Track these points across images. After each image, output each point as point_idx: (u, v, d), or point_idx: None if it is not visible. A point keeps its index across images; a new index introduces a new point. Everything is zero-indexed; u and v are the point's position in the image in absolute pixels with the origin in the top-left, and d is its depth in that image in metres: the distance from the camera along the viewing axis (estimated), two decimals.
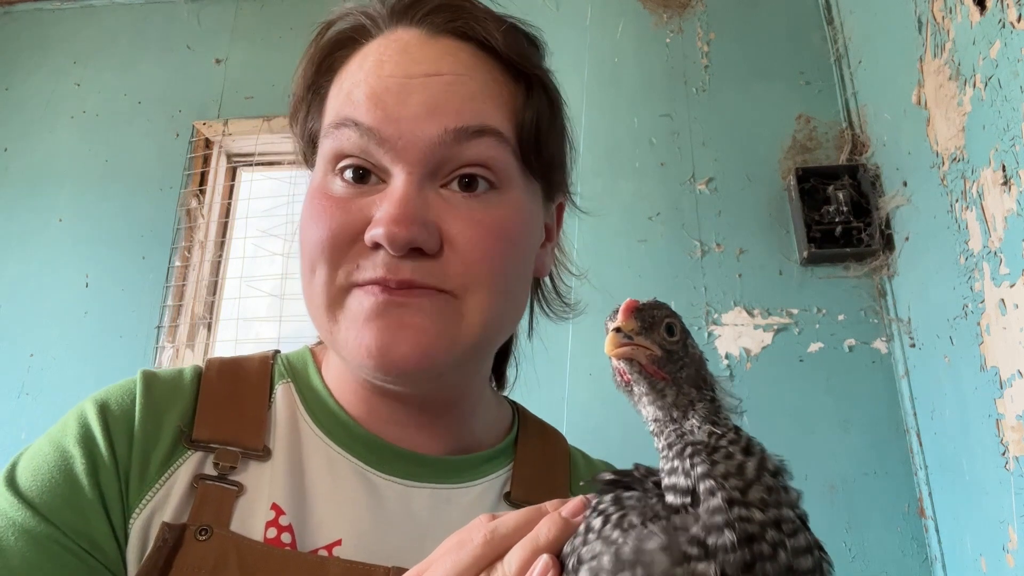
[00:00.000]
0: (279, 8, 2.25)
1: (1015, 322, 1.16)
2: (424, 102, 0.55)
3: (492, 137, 0.56)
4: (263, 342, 1.87)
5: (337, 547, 0.55)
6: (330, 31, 0.62)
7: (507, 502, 0.64)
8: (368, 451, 0.60)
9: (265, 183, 2.14)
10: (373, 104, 0.55)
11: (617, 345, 0.40)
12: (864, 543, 1.49)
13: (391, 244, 0.52)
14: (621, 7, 2.07)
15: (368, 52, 0.59)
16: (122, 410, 0.56)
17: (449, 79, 0.56)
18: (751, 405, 1.62)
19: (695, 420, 0.41)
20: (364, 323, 0.53)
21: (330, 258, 0.55)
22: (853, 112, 1.82)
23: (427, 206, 0.54)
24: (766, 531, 0.35)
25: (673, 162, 1.88)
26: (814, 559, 0.37)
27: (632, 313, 0.41)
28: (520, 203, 0.59)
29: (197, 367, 0.63)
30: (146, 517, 0.53)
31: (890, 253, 1.65)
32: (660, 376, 0.42)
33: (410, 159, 0.54)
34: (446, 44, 0.59)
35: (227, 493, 0.54)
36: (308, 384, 0.64)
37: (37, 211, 2.09)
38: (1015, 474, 1.17)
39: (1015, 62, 1.15)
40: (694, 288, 1.75)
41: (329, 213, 0.55)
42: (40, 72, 2.28)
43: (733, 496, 0.36)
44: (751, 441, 0.40)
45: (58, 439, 0.55)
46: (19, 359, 1.92)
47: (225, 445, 0.57)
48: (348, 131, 0.55)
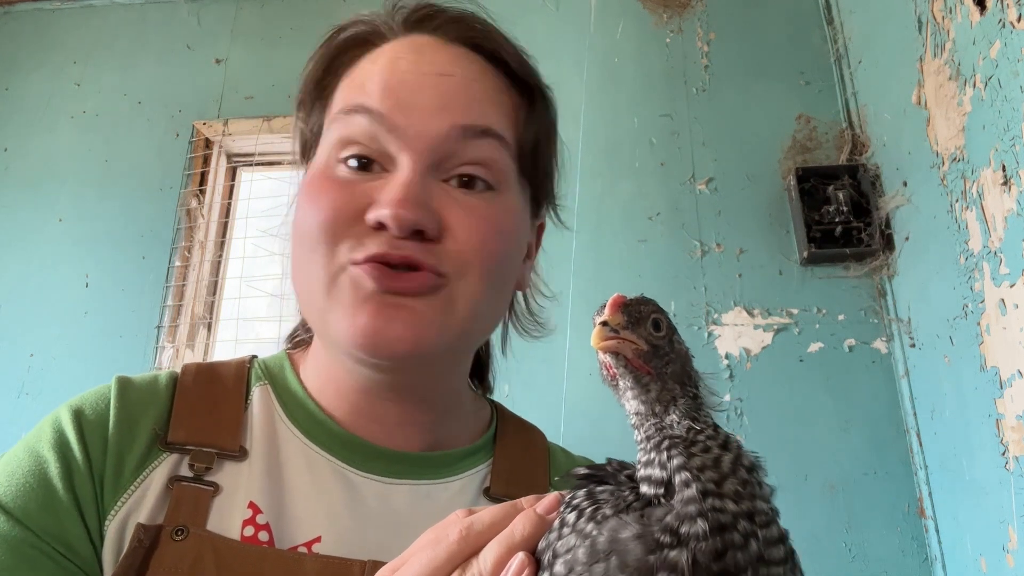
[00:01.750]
0: (279, 8, 2.25)
1: (1015, 322, 1.16)
2: (435, 97, 0.57)
3: (495, 139, 0.59)
4: (263, 342, 1.87)
5: (316, 544, 0.55)
6: (343, 34, 0.63)
7: (486, 497, 0.64)
8: (346, 450, 0.61)
9: (265, 183, 2.14)
10: (386, 93, 0.57)
11: (603, 338, 0.41)
12: (864, 543, 1.49)
13: (397, 225, 0.53)
14: (621, 7, 2.07)
15: (382, 52, 0.61)
16: (96, 415, 0.57)
17: (460, 80, 0.59)
18: (751, 405, 1.62)
19: (675, 415, 0.42)
20: (359, 305, 0.54)
21: (331, 237, 0.55)
22: (853, 112, 1.82)
23: (430, 194, 0.55)
24: (738, 522, 0.36)
25: (673, 162, 1.88)
26: (785, 549, 0.38)
27: (619, 308, 0.42)
28: (514, 207, 0.61)
29: (173, 372, 0.64)
30: (121, 519, 0.53)
31: (890, 253, 1.65)
32: (645, 370, 0.42)
33: (418, 148, 0.56)
34: (458, 51, 0.61)
35: (203, 493, 0.55)
36: (285, 386, 0.65)
37: (37, 211, 2.09)
38: (1015, 474, 1.17)
39: (1015, 62, 1.15)
40: (694, 288, 1.75)
41: (331, 195, 0.56)
42: (40, 72, 2.28)
43: (708, 487, 0.37)
44: (729, 437, 0.41)
45: (33, 445, 0.55)
46: (19, 359, 1.92)
47: (200, 446, 0.57)
48: (359, 117, 0.57)
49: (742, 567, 0.35)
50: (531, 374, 1.57)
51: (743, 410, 1.62)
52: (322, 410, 0.62)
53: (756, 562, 0.36)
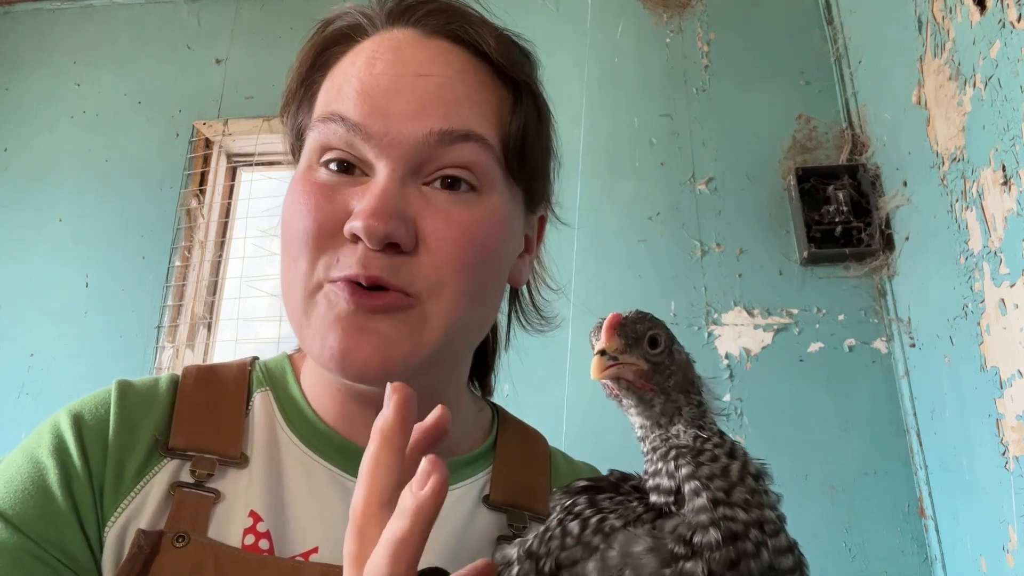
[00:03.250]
0: (279, 8, 2.25)
1: (1015, 322, 1.16)
2: (412, 101, 0.55)
3: (476, 143, 0.57)
4: (263, 342, 1.87)
5: (314, 555, 0.55)
6: (329, 28, 0.62)
7: (485, 505, 0.63)
8: (345, 458, 0.60)
9: (265, 183, 2.14)
10: (361, 100, 0.56)
11: (603, 369, 0.41)
12: (864, 543, 1.49)
13: (369, 237, 0.52)
14: (621, 7, 2.07)
15: (362, 50, 0.60)
16: (96, 420, 0.56)
17: (439, 81, 0.57)
18: (751, 405, 1.62)
19: (681, 425, 0.41)
20: (329, 325, 0.54)
21: (313, 249, 0.55)
22: (853, 112, 1.82)
23: (407, 202, 0.54)
24: (749, 530, 0.36)
25: (673, 162, 1.88)
26: (794, 558, 0.38)
27: (615, 330, 0.42)
28: (499, 208, 0.59)
29: (174, 375, 0.63)
30: (121, 525, 0.53)
31: (890, 253, 1.65)
32: (648, 388, 0.42)
33: (394, 155, 0.55)
34: (439, 46, 0.59)
35: (204, 500, 0.54)
36: (286, 392, 0.64)
37: (37, 211, 2.09)
38: (1015, 474, 1.17)
39: (1015, 62, 1.15)
40: (694, 288, 1.75)
41: (314, 201, 0.55)
42: (40, 72, 2.28)
43: (718, 496, 0.37)
44: (735, 445, 0.41)
45: (32, 451, 0.55)
46: (19, 359, 1.92)
47: (201, 453, 0.57)
48: (335, 125, 0.56)
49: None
50: (532, 374, 1.57)
51: (743, 410, 1.62)
52: (320, 418, 0.62)
53: (767, 571, 0.36)
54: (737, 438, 1.60)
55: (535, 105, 0.64)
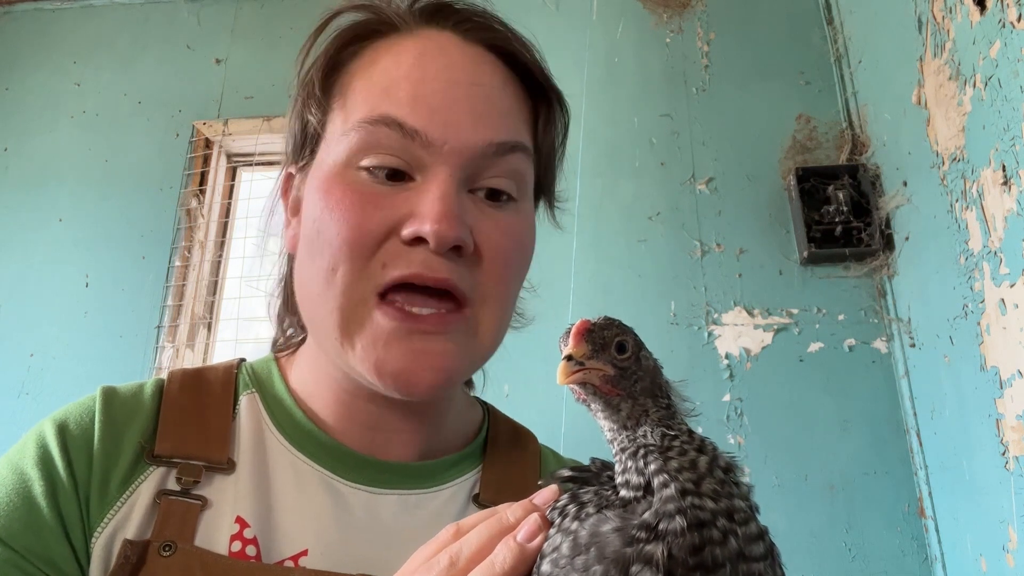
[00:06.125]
0: (279, 8, 2.25)
1: (1015, 322, 1.16)
2: (469, 111, 0.56)
3: (523, 153, 0.59)
4: (263, 342, 1.87)
5: (303, 557, 0.55)
6: (348, 22, 0.60)
7: (476, 504, 0.63)
8: (334, 459, 0.60)
9: (265, 183, 2.14)
10: (419, 104, 0.54)
11: (568, 374, 0.42)
12: (864, 543, 1.49)
13: (439, 241, 0.51)
14: (621, 7, 2.07)
15: (401, 48, 0.58)
16: (81, 429, 0.56)
17: (488, 91, 0.58)
18: (751, 405, 1.62)
19: (647, 427, 0.42)
20: (386, 345, 0.53)
21: (358, 257, 0.53)
22: (853, 112, 1.82)
23: (464, 209, 0.55)
24: (717, 519, 0.37)
25: (673, 162, 1.88)
26: (765, 545, 0.38)
27: (583, 336, 0.43)
28: (531, 216, 0.62)
29: (159, 380, 0.62)
30: (108, 536, 0.52)
31: (890, 253, 1.65)
32: (614, 393, 0.43)
33: (453, 163, 0.54)
34: (479, 54, 0.59)
35: (191, 508, 0.54)
36: (273, 394, 0.63)
37: (37, 211, 2.09)
38: (1015, 474, 1.17)
39: (1015, 62, 1.15)
40: (694, 288, 1.75)
41: (359, 207, 0.54)
42: (40, 72, 2.28)
43: (686, 487, 0.38)
44: (704, 441, 0.42)
45: (16, 462, 0.54)
46: (19, 359, 1.92)
47: (188, 459, 0.56)
48: (387, 129, 0.54)
49: (720, 563, 0.36)
50: (531, 373, 1.57)
51: (743, 410, 1.62)
52: (310, 419, 0.61)
53: (736, 558, 0.36)
54: (737, 438, 1.61)
55: (564, 119, 0.67)
